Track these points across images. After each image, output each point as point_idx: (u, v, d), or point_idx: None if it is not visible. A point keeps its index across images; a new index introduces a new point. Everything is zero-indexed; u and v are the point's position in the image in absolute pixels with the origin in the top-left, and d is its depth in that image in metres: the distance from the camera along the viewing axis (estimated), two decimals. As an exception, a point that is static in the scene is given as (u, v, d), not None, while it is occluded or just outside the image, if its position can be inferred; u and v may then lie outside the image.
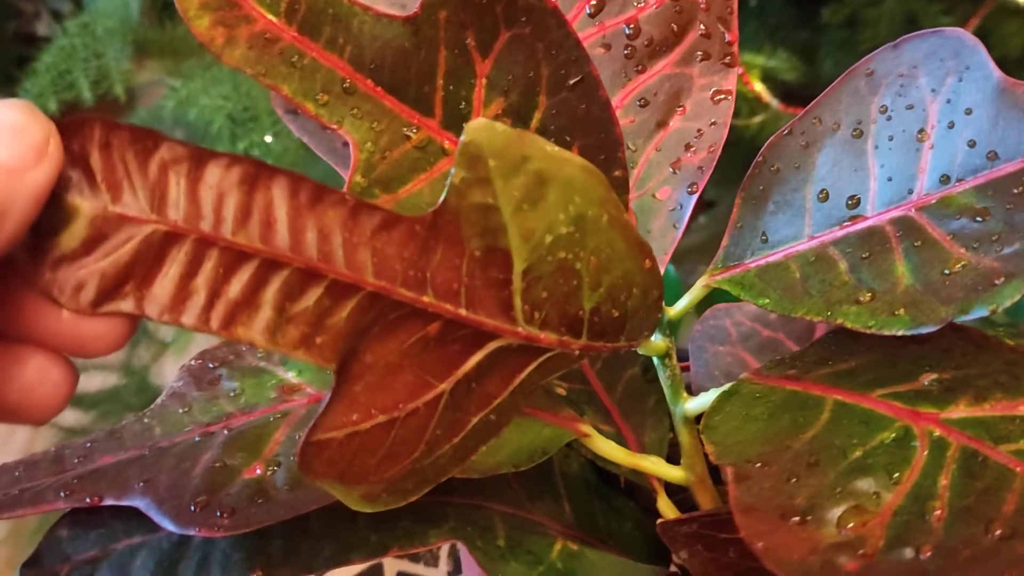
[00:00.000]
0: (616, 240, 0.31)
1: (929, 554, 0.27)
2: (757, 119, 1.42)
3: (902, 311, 0.33)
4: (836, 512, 0.29)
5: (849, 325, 0.33)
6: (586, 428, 0.41)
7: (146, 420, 0.39)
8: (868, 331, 0.33)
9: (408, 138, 0.36)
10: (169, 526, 0.33)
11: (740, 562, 0.41)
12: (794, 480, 0.30)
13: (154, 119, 0.93)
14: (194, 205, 0.28)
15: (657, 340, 0.41)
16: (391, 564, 0.62)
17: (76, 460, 0.37)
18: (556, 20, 0.36)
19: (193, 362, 0.42)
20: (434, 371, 0.30)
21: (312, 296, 0.28)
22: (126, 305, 0.28)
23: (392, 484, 0.31)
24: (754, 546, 0.28)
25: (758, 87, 1.44)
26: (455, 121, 0.36)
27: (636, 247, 0.32)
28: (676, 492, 0.47)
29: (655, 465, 0.43)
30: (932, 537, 0.27)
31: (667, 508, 0.45)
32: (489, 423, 0.33)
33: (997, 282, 0.31)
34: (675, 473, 0.43)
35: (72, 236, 0.28)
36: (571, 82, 0.37)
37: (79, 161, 0.28)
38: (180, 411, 0.39)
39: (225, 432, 0.37)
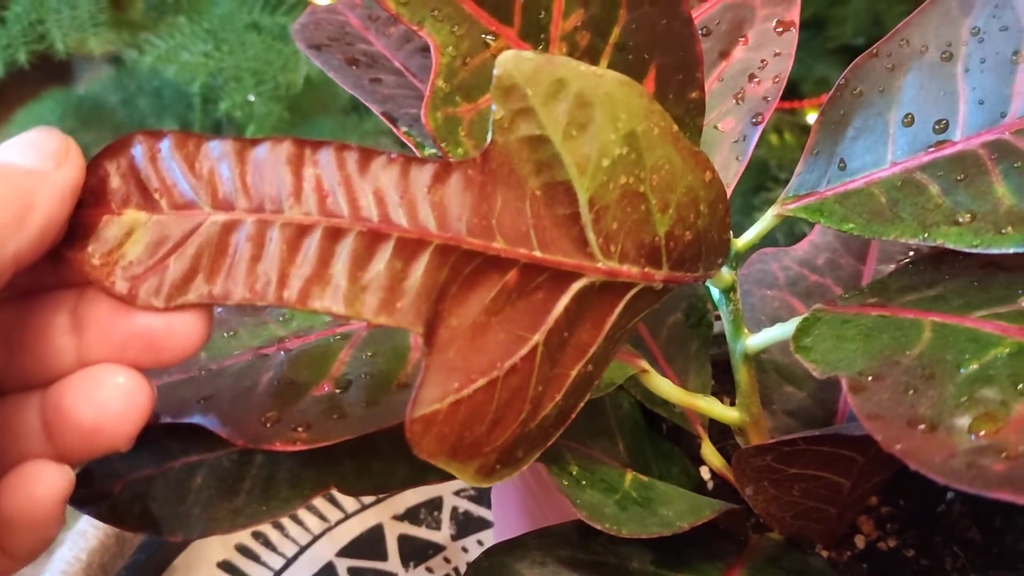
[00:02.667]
0: (672, 155, 0.31)
1: (1078, 456, 0.26)
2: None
3: (1011, 229, 0.32)
4: (965, 420, 0.28)
5: (951, 245, 0.33)
6: (644, 364, 0.39)
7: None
8: (973, 250, 0.32)
9: (487, 46, 0.34)
10: (240, 441, 0.31)
11: (802, 501, 0.40)
12: (912, 392, 0.29)
13: (130, 74, 0.90)
14: (247, 191, 0.28)
15: (724, 273, 0.39)
16: (392, 527, 0.59)
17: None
18: (644, -73, 0.35)
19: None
20: (524, 324, 0.29)
21: (381, 260, 0.28)
22: (199, 295, 0.28)
23: (504, 453, 0.30)
24: (892, 449, 0.26)
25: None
26: (533, 31, 0.35)
27: (693, 159, 0.31)
28: (718, 440, 0.46)
29: (710, 405, 0.41)
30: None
31: (712, 455, 0.44)
32: (587, 375, 0.32)
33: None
34: (731, 414, 0.41)
35: (136, 244, 0.28)
36: (654, -6, 0.35)
37: (130, 176, 0.28)
38: (225, 335, 0.37)
39: (282, 354, 0.35)
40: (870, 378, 0.30)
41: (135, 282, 0.28)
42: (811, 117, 1.45)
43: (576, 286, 0.30)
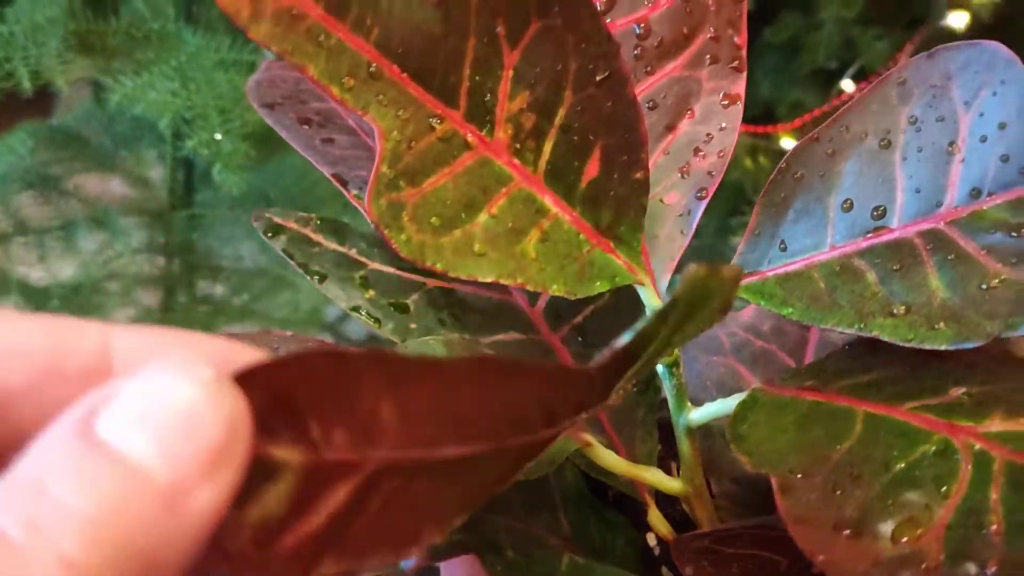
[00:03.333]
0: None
1: (995, 568, 0.26)
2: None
3: (943, 325, 0.32)
4: (889, 525, 0.28)
5: (886, 338, 0.33)
6: (588, 437, 0.40)
7: None
8: (907, 344, 0.32)
9: (432, 129, 0.34)
10: None
11: (743, 578, 0.40)
12: (840, 492, 0.29)
13: (95, 112, 0.90)
14: (408, 430, 0.21)
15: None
16: None
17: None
18: (589, 12, 0.35)
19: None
20: None
21: None
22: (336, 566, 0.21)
23: None
24: (815, 559, 0.27)
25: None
26: (479, 113, 0.35)
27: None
28: (666, 505, 0.46)
29: (654, 476, 0.41)
30: (995, 552, 0.27)
31: (659, 522, 0.44)
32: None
33: (1045, 297, 0.31)
34: (674, 485, 0.42)
35: (278, 497, 0.20)
36: (599, 77, 0.36)
37: (284, 404, 0.20)
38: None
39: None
40: (800, 476, 0.30)
41: (271, 550, 0.20)
42: (785, 141, 1.46)
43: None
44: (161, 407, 0.18)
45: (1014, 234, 0.33)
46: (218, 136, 0.83)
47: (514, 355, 0.45)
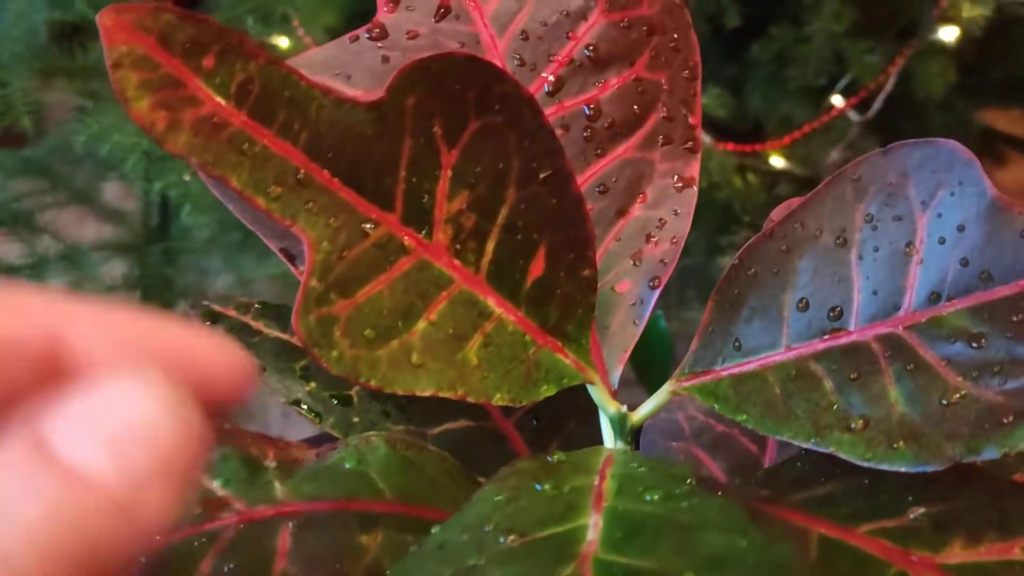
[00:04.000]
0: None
1: None
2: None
3: (902, 444, 0.31)
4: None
5: (843, 455, 0.31)
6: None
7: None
8: (865, 464, 0.31)
9: (367, 235, 0.33)
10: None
11: None
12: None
13: (64, 150, 0.88)
14: None
15: (619, 447, 0.38)
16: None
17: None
18: (531, 110, 0.34)
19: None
20: None
21: None
22: None
23: None
24: None
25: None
26: (416, 215, 0.34)
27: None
28: None
29: None
30: None
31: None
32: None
33: (1006, 420, 0.30)
34: None
35: None
36: (542, 175, 0.34)
37: None
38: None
39: (142, 560, 0.33)
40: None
41: None
42: (774, 159, 1.45)
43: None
44: (116, 420, 0.19)
45: (975, 344, 0.32)
46: (187, 178, 0.82)
47: (462, 444, 0.43)
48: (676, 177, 0.40)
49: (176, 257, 1.03)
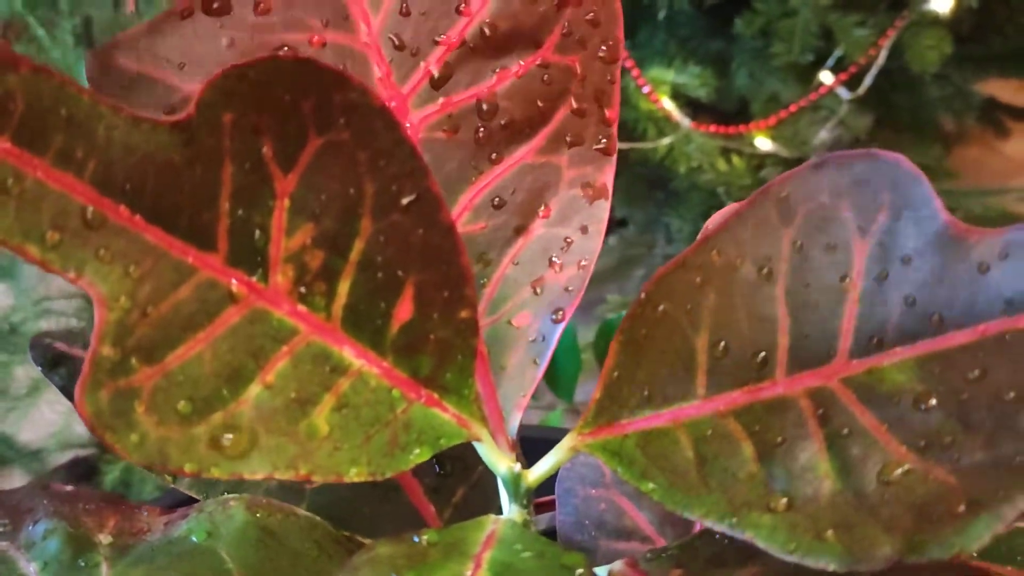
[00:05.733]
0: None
1: None
2: (666, 140, 1.35)
3: (831, 534, 0.25)
4: None
5: (762, 544, 0.26)
6: None
7: None
8: (787, 557, 0.25)
9: (181, 282, 0.27)
10: None
11: None
12: None
13: None
14: None
15: (513, 513, 0.32)
16: None
17: None
18: (385, 122, 0.28)
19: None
20: None
21: None
22: None
23: None
24: None
25: (668, 105, 1.37)
26: (246, 255, 0.28)
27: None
28: None
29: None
30: None
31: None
32: None
33: (959, 509, 0.24)
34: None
35: None
36: (405, 201, 0.29)
37: None
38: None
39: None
40: None
41: None
42: (759, 140, 1.38)
43: None
44: None
45: (922, 405, 0.26)
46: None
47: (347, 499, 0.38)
48: (586, 185, 0.34)
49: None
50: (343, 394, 0.29)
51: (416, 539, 0.28)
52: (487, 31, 0.35)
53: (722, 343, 0.29)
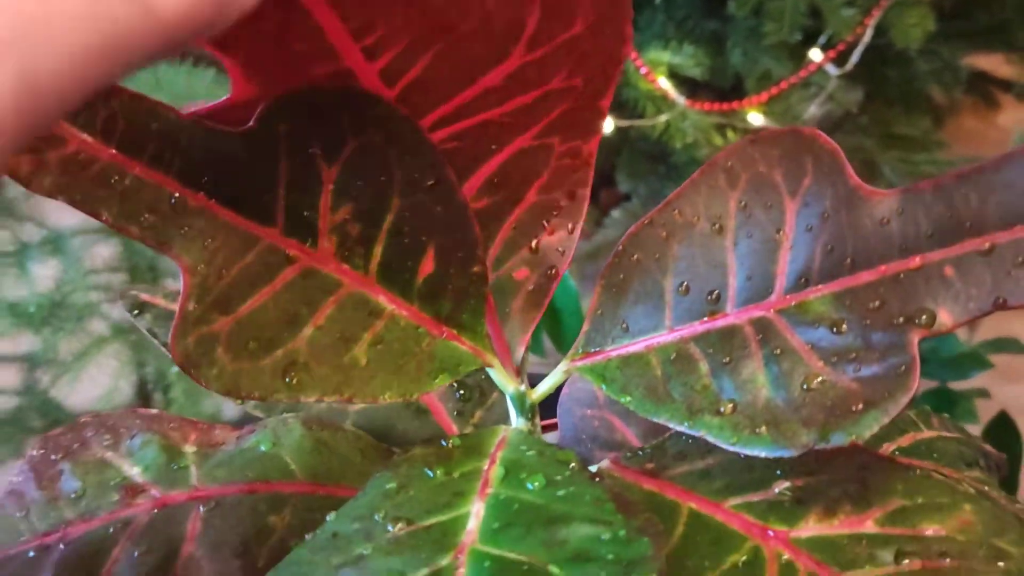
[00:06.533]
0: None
1: None
2: (663, 118, 1.42)
3: (764, 429, 0.32)
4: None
5: (712, 439, 0.33)
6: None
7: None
8: (731, 447, 0.32)
9: (247, 251, 0.34)
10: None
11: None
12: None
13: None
14: None
15: (520, 424, 0.40)
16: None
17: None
18: (409, 126, 0.35)
19: (35, 452, 0.40)
20: None
21: None
22: None
23: None
24: None
25: (664, 85, 1.43)
26: (299, 228, 0.35)
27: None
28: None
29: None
30: None
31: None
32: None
33: (856, 408, 0.31)
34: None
35: None
36: (428, 183, 0.36)
37: None
38: (17, 515, 0.37)
39: (61, 547, 0.35)
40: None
41: None
42: (752, 116, 1.45)
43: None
44: None
45: (835, 330, 0.33)
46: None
47: (384, 419, 0.45)
48: (575, 155, 0.40)
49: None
50: (378, 333, 0.36)
51: (444, 443, 0.36)
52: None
53: (684, 284, 0.36)
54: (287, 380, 0.34)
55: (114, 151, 0.32)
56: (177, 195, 0.33)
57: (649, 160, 1.58)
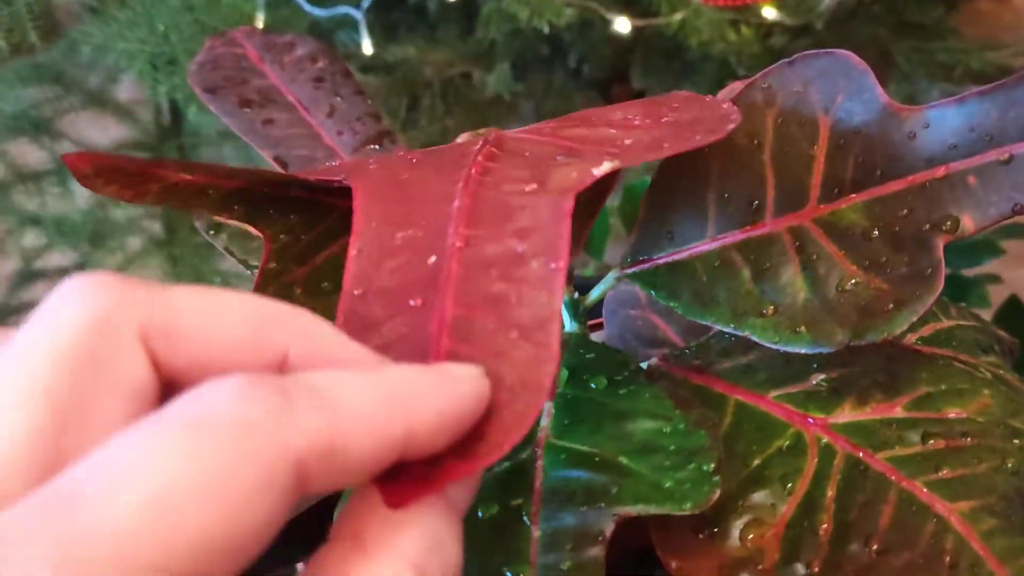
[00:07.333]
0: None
1: (817, 569, 0.30)
2: (678, 16, 1.43)
3: (803, 329, 0.35)
4: (739, 524, 0.32)
5: (756, 338, 0.36)
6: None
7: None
8: (774, 346, 0.36)
9: (319, 223, 0.37)
10: None
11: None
12: (701, 491, 0.33)
13: (74, 54, 0.92)
14: None
15: (574, 328, 0.43)
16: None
17: None
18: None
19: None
20: None
21: None
22: None
23: None
24: (669, 567, 0.31)
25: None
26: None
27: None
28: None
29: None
30: (820, 551, 0.31)
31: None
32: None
33: (887, 308, 0.34)
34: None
35: None
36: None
37: None
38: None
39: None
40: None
41: None
42: (767, 11, 1.46)
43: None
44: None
45: (868, 236, 0.36)
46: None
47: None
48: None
49: (191, 151, 1.07)
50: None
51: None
52: None
53: (726, 195, 0.39)
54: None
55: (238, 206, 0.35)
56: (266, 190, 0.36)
57: (664, 57, 1.59)
